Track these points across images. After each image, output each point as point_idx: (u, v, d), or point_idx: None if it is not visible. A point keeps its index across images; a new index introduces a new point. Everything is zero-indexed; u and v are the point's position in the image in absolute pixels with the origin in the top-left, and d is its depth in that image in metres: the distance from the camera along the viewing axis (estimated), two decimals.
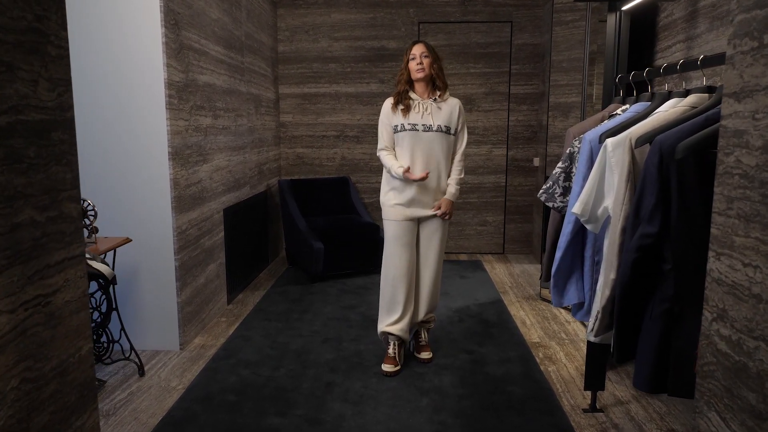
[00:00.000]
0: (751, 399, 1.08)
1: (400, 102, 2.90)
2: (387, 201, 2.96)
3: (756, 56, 1.04)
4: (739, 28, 1.09)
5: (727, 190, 1.14)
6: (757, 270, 1.07)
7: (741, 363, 1.12)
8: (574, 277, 2.14)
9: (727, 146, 1.13)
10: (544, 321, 3.69)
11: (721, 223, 1.18)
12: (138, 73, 2.97)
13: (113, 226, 3.06)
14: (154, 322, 3.18)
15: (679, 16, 2.65)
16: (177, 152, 3.10)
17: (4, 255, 0.80)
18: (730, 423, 1.16)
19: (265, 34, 4.90)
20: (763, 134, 1.02)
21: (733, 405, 1.14)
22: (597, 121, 2.36)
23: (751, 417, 1.10)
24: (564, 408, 2.57)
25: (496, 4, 5.14)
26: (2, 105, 0.79)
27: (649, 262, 1.54)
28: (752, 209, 1.08)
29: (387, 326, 2.96)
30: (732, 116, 1.12)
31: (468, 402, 2.61)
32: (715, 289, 1.19)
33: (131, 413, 2.53)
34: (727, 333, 1.16)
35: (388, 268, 2.97)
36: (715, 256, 1.19)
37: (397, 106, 2.90)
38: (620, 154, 1.71)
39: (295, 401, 2.61)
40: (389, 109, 2.94)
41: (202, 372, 2.92)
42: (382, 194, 3.02)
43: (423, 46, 2.87)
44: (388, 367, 2.91)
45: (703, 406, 1.23)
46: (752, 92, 1.05)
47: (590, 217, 1.88)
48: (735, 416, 1.14)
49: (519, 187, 5.39)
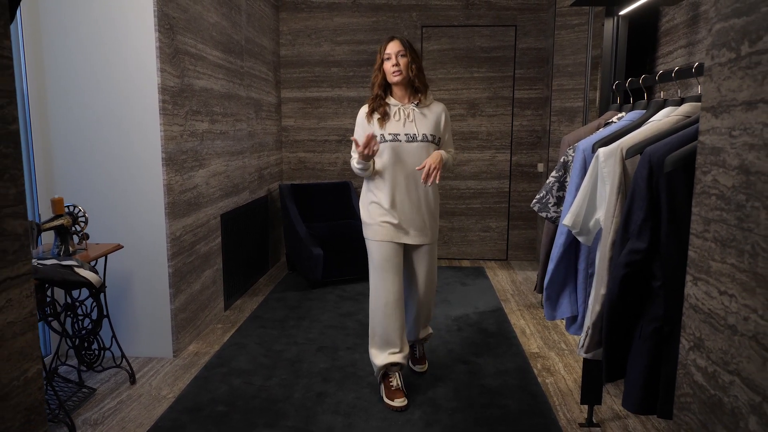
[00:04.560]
0: None
1: (375, 110, 2.53)
2: (370, 218, 2.59)
3: (733, 68, 0.97)
4: (717, 37, 1.01)
5: (704, 211, 1.07)
6: (733, 299, 0.99)
7: (716, 398, 1.06)
8: (568, 290, 2.08)
9: (705, 164, 1.06)
10: (544, 330, 3.62)
11: (698, 246, 1.11)
12: (131, 78, 2.95)
13: (106, 232, 3.04)
14: (148, 329, 3.16)
15: (681, 21, 2.58)
16: (171, 158, 3.07)
17: None
18: None
19: (267, 38, 4.87)
20: (740, 153, 0.96)
21: None
22: (593, 129, 2.29)
23: None
24: (560, 422, 2.50)
25: (500, 8, 5.08)
26: None
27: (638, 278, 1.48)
28: (728, 233, 1.01)
29: (390, 356, 2.63)
30: (709, 132, 1.05)
31: (461, 415, 2.55)
32: (692, 316, 1.12)
33: (119, 423, 2.50)
34: (703, 364, 1.09)
35: (378, 295, 2.60)
36: (692, 280, 1.12)
37: (373, 115, 2.54)
38: (612, 164, 1.65)
39: (285, 412, 2.57)
40: (364, 119, 2.57)
41: (193, 381, 2.88)
42: (362, 207, 2.66)
43: (399, 44, 2.49)
44: (400, 401, 2.58)
45: None
46: (729, 107, 0.97)
47: (582, 229, 1.82)
48: None
49: (523, 192, 5.31)
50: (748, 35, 0.92)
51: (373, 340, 2.69)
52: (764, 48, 0.87)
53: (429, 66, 5.17)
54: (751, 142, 0.92)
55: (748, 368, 0.96)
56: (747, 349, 0.96)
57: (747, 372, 0.97)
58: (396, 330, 2.62)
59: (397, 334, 2.63)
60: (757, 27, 0.91)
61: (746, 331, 0.96)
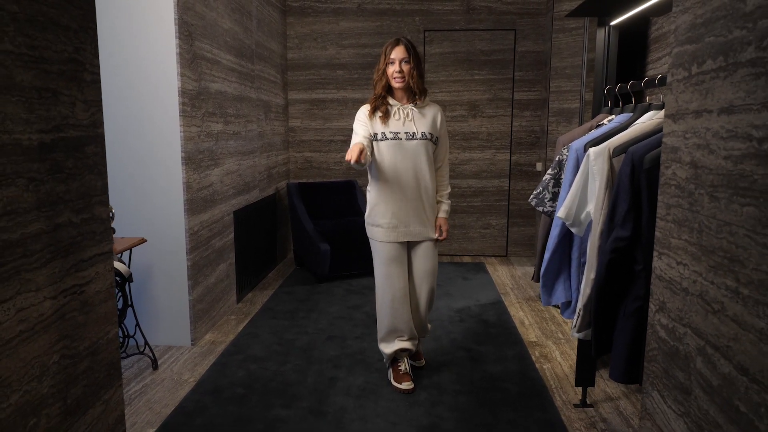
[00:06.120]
0: (680, 377, 1.25)
1: (377, 108, 2.65)
2: (374, 220, 2.72)
3: (687, 84, 1.19)
4: (675, 59, 1.25)
5: (666, 198, 1.29)
6: (686, 267, 1.22)
7: (674, 347, 1.29)
8: (562, 277, 2.27)
9: (667, 160, 1.29)
10: (542, 321, 3.80)
11: (662, 227, 1.33)
12: (153, 83, 3.14)
13: (130, 227, 3.23)
14: (167, 318, 3.35)
15: (669, 29, 2.77)
16: (190, 157, 3.26)
17: (49, 250, 0.95)
18: (667, 399, 1.32)
19: (275, 42, 5.06)
20: (691, 152, 1.18)
21: (669, 383, 1.31)
22: (585, 130, 2.48)
23: (681, 393, 1.26)
24: (556, 404, 2.69)
25: (500, 13, 5.27)
26: (48, 125, 0.94)
27: (622, 263, 1.67)
28: (683, 215, 1.23)
29: (399, 342, 2.79)
30: (670, 135, 1.28)
31: (464, 398, 2.73)
32: (657, 284, 1.35)
33: (145, 404, 2.69)
34: (666, 322, 1.32)
35: (385, 292, 2.73)
36: (657, 255, 1.36)
37: (375, 113, 2.65)
38: (601, 163, 1.84)
39: (300, 394, 2.76)
40: (366, 116, 2.69)
41: (212, 366, 3.07)
42: (367, 207, 2.78)
43: (404, 51, 2.58)
44: (407, 385, 2.75)
45: (648, 387, 1.40)
46: (683, 115, 1.20)
47: (574, 221, 2.01)
48: (670, 393, 1.31)
49: (522, 191, 5.51)
50: (696, 59, 1.15)
51: (381, 333, 2.84)
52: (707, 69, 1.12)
53: (431, 69, 5.36)
54: (698, 143, 1.15)
55: (696, 320, 1.20)
56: (695, 306, 1.20)
57: (695, 323, 1.20)
58: (404, 321, 2.77)
59: (405, 325, 2.78)
60: (702, 53, 1.15)
61: (695, 291, 1.20)
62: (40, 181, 0.93)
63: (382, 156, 2.65)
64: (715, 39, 1.09)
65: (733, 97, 1.02)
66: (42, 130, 0.93)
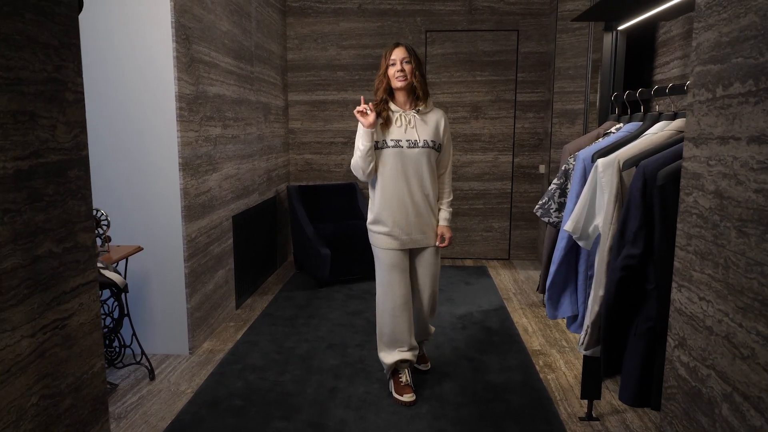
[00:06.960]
0: (704, 422, 1.17)
1: (379, 114, 2.58)
2: (375, 227, 2.70)
3: (710, 107, 1.11)
4: (697, 78, 1.16)
5: (687, 227, 1.21)
6: (710, 304, 1.14)
7: (696, 389, 1.21)
8: (569, 291, 2.21)
9: (687, 187, 1.21)
10: (545, 328, 3.74)
11: (682, 258, 1.25)
12: (150, 87, 3.08)
13: (126, 234, 3.17)
14: (165, 327, 3.29)
15: (677, 33, 2.70)
16: (187, 162, 3.20)
17: (26, 285, 0.89)
18: None
19: (275, 43, 5.00)
20: (716, 180, 1.10)
21: (690, 427, 1.23)
22: (592, 138, 2.42)
23: None
24: (561, 416, 2.63)
25: (502, 13, 5.20)
26: (25, 150, 0.88)
27: (633, 281, 1.61)
28: (706, 248, 1.15)
29: (400, 353, 2.75)
30: (691, 159, 1.20)
31: (467, 410, 2.68)
32: (677, 318, 1.27)
33: (141, 416, 2.63)
34: (686, 360, 1.24)
35: (386, 299, 2.70)
36: (677, 287, 1.27)
37: (377, 119, 2.57)
38: (609, 175, 1.78)
39: (300, 406, 2.70)
40: None
41: (210, 376, 3.02)
42: (369, 216, 2.74)
43: (404, 51, 2.56)
44: (409, 397, 2.70)
45: (666, 426, 1.32)
46: (707, 140, 1.12)
47: (582, 234, 1.94)
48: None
49: (525, 193, 5.44)
50: (722, 80, 1.07)
51: (381, 341, 2.80)
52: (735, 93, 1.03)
53: (433, 70, 5.29)
54: (724, 172, 1.07)
55: (722, 363, 1.11)
56: (720, 347, 1.12)
57: (720, 366, 1.12)
58: (404, 331, 2.73)
59: (405, 334, 2.73)
60: (729, 75, 1.06)
61: (720, 332, 1.11)
62: (17, 212, 0.86)
63: (384, 164, 2.62)
64: (744, 60, 1.02)
65: (765, 126, 0.95)
66: (18, 157, 0.86)
